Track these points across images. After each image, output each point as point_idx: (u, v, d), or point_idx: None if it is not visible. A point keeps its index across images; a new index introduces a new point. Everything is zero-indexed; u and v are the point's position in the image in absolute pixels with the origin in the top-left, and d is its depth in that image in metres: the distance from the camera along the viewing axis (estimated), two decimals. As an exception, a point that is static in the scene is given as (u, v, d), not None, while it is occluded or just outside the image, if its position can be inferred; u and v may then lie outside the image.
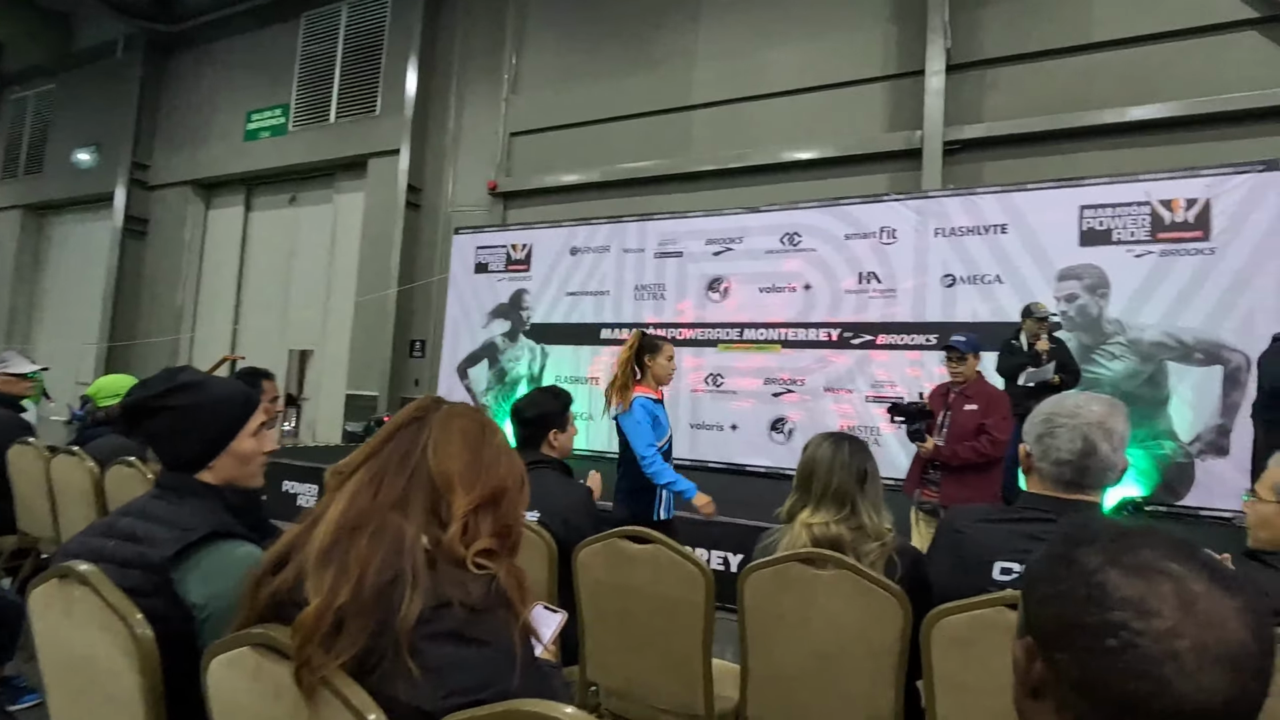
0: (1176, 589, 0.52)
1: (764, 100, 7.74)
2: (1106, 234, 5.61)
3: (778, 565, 1.63)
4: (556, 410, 2.05)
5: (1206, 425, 5.24)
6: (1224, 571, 0.54)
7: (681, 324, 7.20)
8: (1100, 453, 1.34)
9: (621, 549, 1.79)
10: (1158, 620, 0.51)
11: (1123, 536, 0.57)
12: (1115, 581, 0.54)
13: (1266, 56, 5.83)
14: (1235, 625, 0.50)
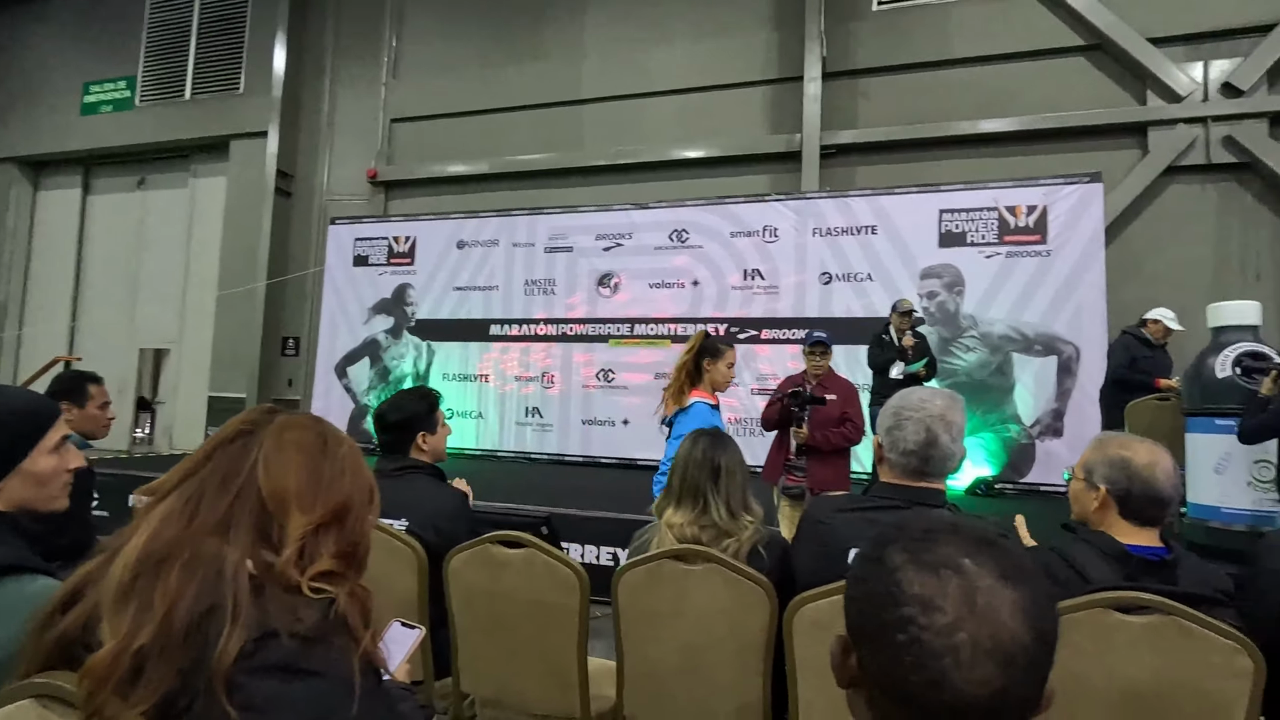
0: (963, 585, 0.55)
1: (652, 98, 7.82)
2: (962, 236, 6.10)
3: (650, 563, 1.64)
4: (423, 412, 1.95)
5: (1045, 410, 5.84)
6: (1016, 566, 0.56)
7: (572, 319, 7.15)
8: (941, 443, 1.44)
9: (494, 554, 1.74)
10: (940, 615, 0.54)
11: (926, 535, 0.60)
12: (909, 579, 0.57)
13: (1093, 81, 6.55)
14: (1012, 620, 0.53)
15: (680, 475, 1.69)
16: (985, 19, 6.78)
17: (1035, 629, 0.53)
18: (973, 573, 0.55)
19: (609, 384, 6.94)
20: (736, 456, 1.66)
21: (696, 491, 1.66)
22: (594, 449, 6.84)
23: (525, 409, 7.16)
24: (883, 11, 7.18)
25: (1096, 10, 6.34)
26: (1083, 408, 5.57)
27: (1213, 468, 3.51)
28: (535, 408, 7.12)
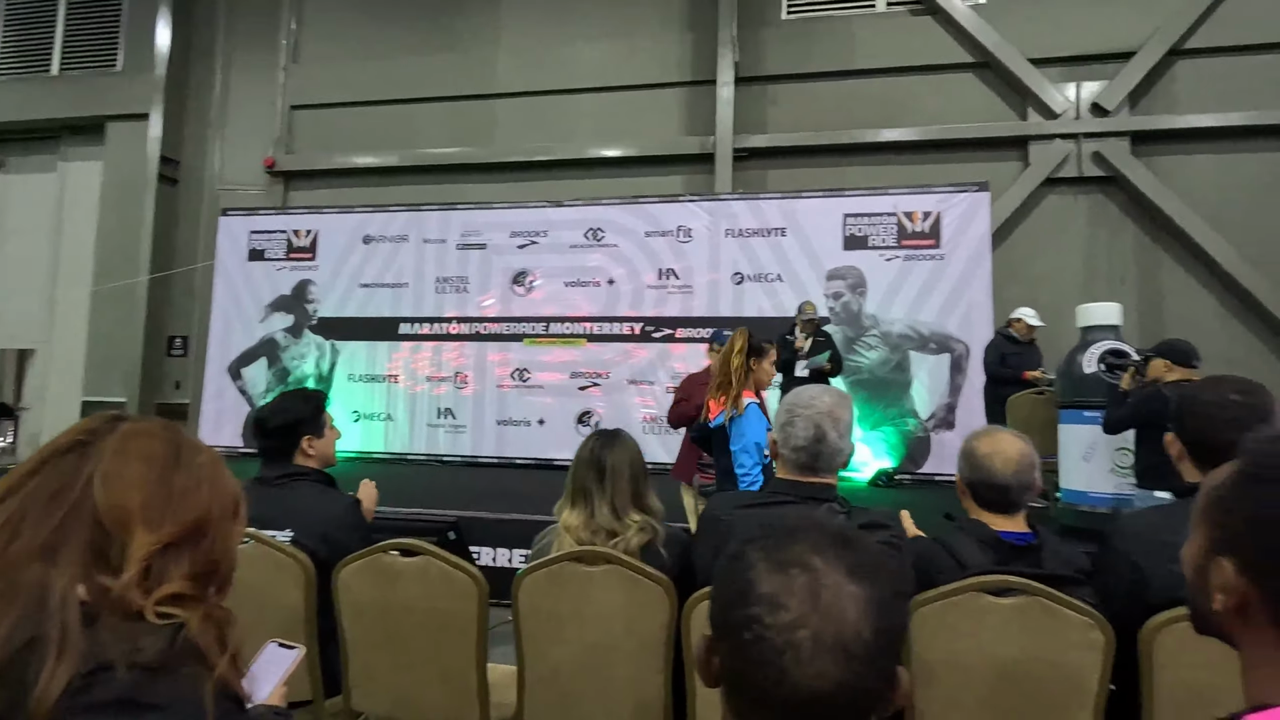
0: (810, 583, 0.56)
1: (569, 95, 7.76)
2: (864, 240, 6.39)
3: (550, 566, 1.61)
4: (307, 415, 1.84)
5: (939, 404, 6.20)
6: (867, 564, 0.58)
7: (486, 318, 7.00)
8: (829, 439, 1.49)
9: (386, 564, 1.67)
10: (784, 613, 0.55)
11: (785, 534, 0.61)
12: (761, 577, 0.58)
13: (981, 96, 7.00)
14: (855, 616, 0.54)
15: (571, 476, 1.68)
16: (885, 33, 7.12)
17: (877, 625, 0.54)
18: (821, 571, 0.56)
19: (524, 384, 6.84)
20: (626, 455, 1.65)
21: (585, 493, 1.65)
22: (509, 450, 6.72)
23: (437, 410, 6.95)
24: (791, 21, 7.41)
25: (984, 30, 6.78)
26: (972, 402, 5.94)
27: (1081, 456, 3.82)
28: (448, 409, 6.93)
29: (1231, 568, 0.64)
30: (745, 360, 2.93)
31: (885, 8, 7.22)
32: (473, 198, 7.44)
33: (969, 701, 1.48)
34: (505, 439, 6.77)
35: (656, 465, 6.43)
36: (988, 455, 1.56)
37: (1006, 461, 1.54)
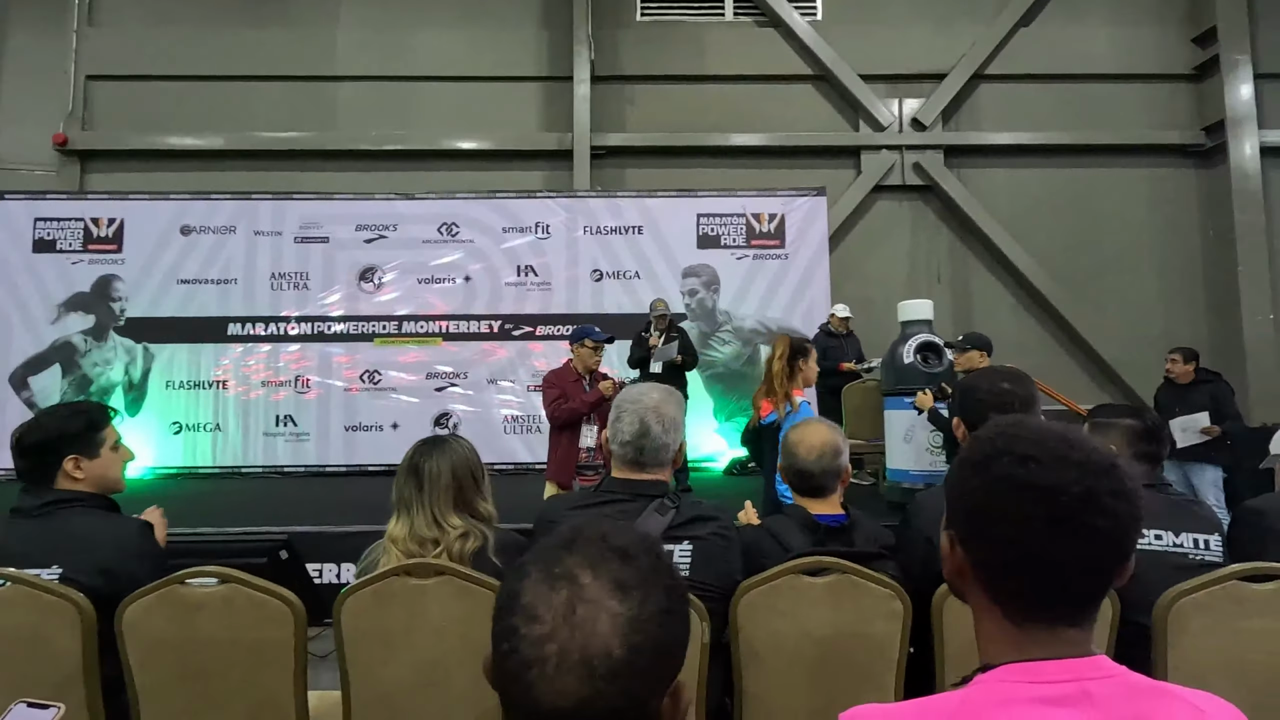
0: (570, 597, 0.55)
1: (420, 83, 7.41)
2: (716, 239, 6.66)
3: (376, 583, 1.52)
4: (73, 431, 1.59)
5: (787, 395, 6.59)
6: (637, 580, 0.57)
7: (331, 317, 6.53)
8: (652, 434, 1.52)
9: (183, 596, 1.49)
10: (539, 626, 0.54)
11: (564, 545, 0.60)
12: (528, 589, 0.57)
13: (820, 106, 7.52)
14: (607, 632, 0.54)
15: (394, 488, 1.60)
16: (733, 42, 7.45)
17: (632, 643, 0.54)
18: (586, 585, 0.56)
19: (375, 386, 6.46)
20: (447, 460, 1.59)
21: (406, 503, 1.58)
22: (360, 457, 6.31)
23: (276, 417, 6.39)
24: (645, 23, 7.54)
25: (821, 46, 7.28)
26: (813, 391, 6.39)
27: (903, 438, 4.22)
28: (288, 415, 6.39)
29: (951, 539, 0.72)
30: (787, 363, 3.20)
31: (733, 17, 7.54)
32: (312, 187, 6.90)
33: (791, 677, 1.57)
34: (355, 445, 6.36)
35: (520, 466, 6.37)
36: (795, 444, 1.67)
37: (810, 449, 1.66)
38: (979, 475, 0.70)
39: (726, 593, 1.56)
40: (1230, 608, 1.52)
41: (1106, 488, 0.64)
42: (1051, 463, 0.66)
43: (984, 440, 0.72)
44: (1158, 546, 1.62)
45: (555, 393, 3.71)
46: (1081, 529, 0.64)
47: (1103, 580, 0.67)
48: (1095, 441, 0.69)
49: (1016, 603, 0.68)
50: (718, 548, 1.55)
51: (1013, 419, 0.77)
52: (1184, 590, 1.50)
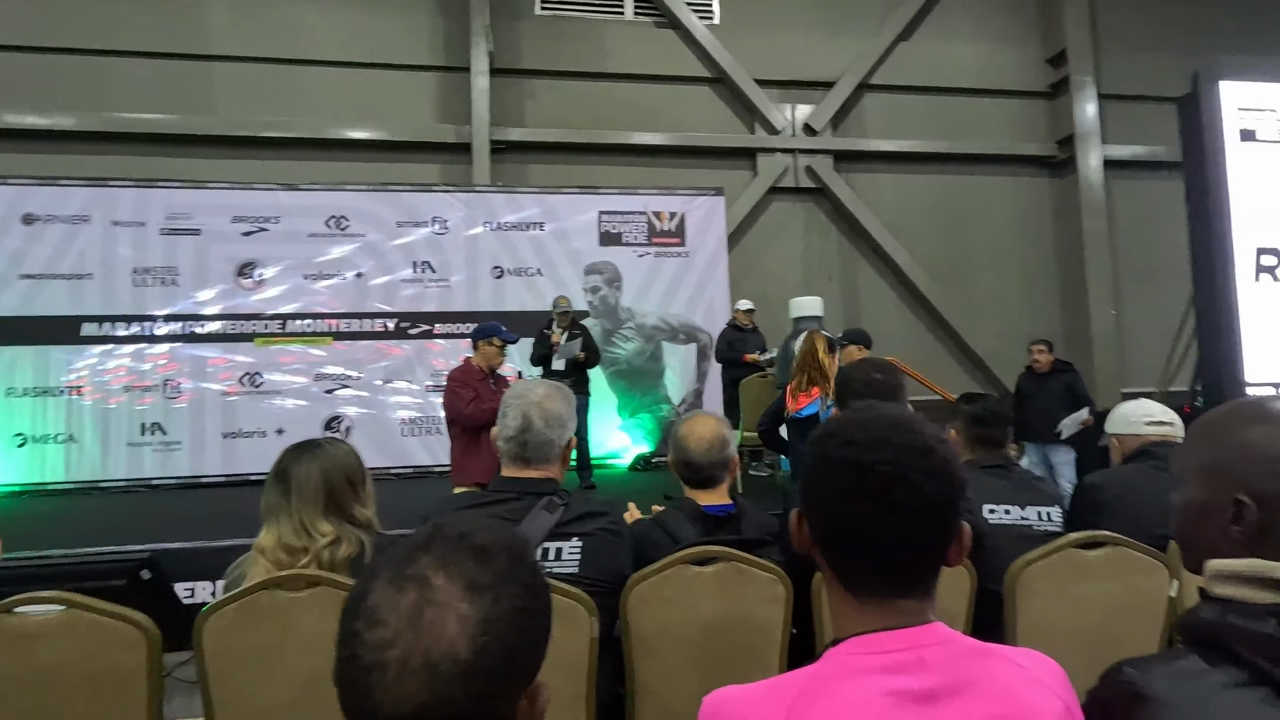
0: (418, 599, 0.53)
1: (304, 67, 6.98)
2: (619, 236, 6.69)
3: (242, 599, 1.43)
4: None
5: (689, 389, 6.74)
6: (493, 580, 0.56)
7: (205, 315, 6.05)
8: (535, 428, 1.51)
9: (13, 626, 1.34)
10: (381, 630, 0.52)
11: (419, 545, 0.58)
12: (376, 591, 0.55)
13: (718, 108, 7.71)
14: (454, 634, 0.52)
15: (262, 495, 1.50)
16: (633, 42, 7.50)
17: (478, 644, 0.53)
18: (436, 587, 0.54)
19: (257, 389, 6.04)
20: (317, 464, 1.51)
21: (273, 511, 1.49)
22: (240, 465, 5.88)
23: (141, 426, 5.85)
24: (544, 17, 7.45)
25: (718, 50, 7.47)
26: (716, 387, 6.55)
27: (796, 429, 4.40)
28: (156, 423, 5.86)
29: (798, 516, 0.77)
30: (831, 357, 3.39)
31: (633, 16, 7.59)
32: (181, 174, 6.36)
33: (681, 664, 1.61)
34: (234, 453, 5.92)
35: (420, 469, 6.15)
36: (685, 437, 1.71)
37: (699, 441, 1.70)
38: (813, 454, 0.75)
39: (616, 586, 1.58)
40: (1068, 573, 1.69)
41: (919, 467, 0.69)
42: (870, 444, 0.71)
43: (827, 423, 0.77)
44: (1007, 520, 1.78)
45: (469, 393, 3.60)
46: (892, 504, 0.69)
47: (924, 555, 0.72)
48: (928, 429, 0.74)
49: (851, 576, 0.73)
50: (607, 543, 1.56)
51: (865, 405, 0.82)
52: (1029, 559, 1.66)
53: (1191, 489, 0.80)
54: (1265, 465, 0.73)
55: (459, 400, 3.58)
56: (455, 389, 3.62)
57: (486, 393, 3.65)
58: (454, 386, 3.64)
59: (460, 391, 3.60)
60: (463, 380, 3.65)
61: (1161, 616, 1.71)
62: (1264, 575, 0.68)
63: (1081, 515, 1.97)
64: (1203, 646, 0.71)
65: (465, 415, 3.55)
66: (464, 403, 3.55)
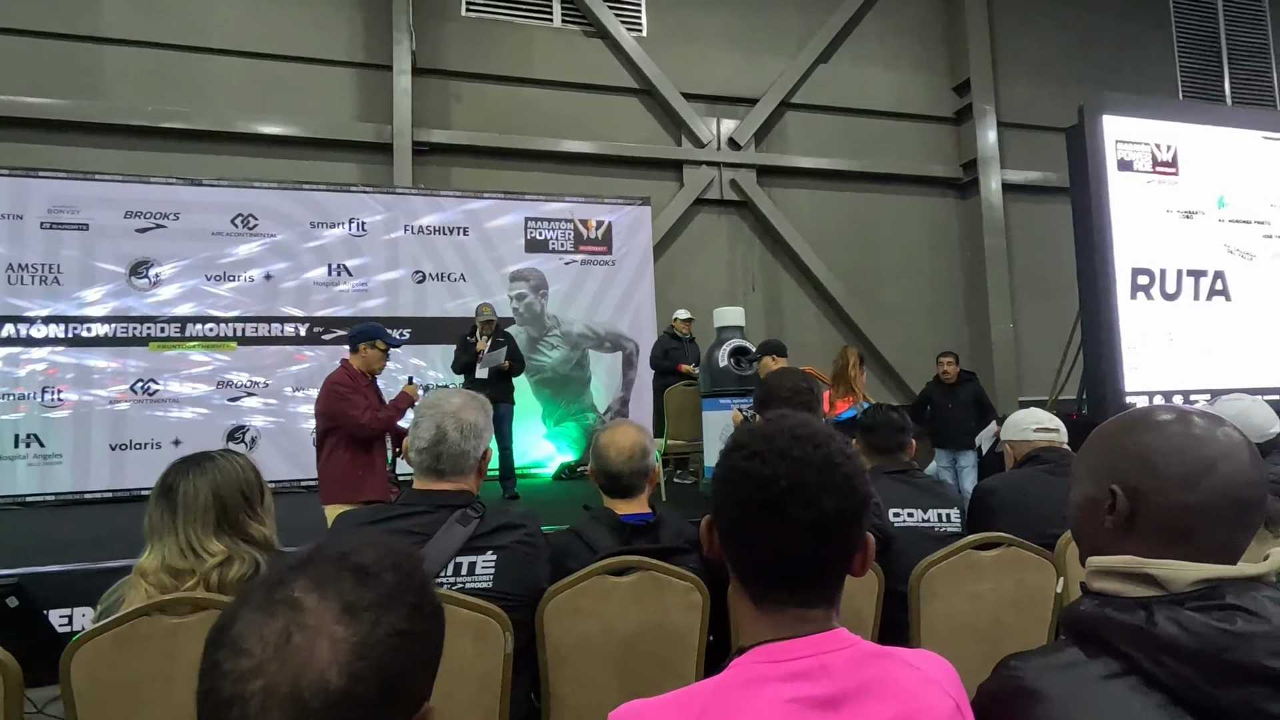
0: (286, 624, 0.50)
1: (212, 55, 6.59)
2: (545, 243, 6.64)
3: (118, 627, 1.31)
4: None
5: (614, 398, 6.74)
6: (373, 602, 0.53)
7: (92, 318, 5.58)
8: (449, 439, 1.47)
9: None
10: (245, 660, 0.49)
11: (295, 567, 0.54)
12: (243, 618, 0.51)
13: (645, 120, 7.78)
14: (325, 661, 0.49)
15: (146, 514, 1.39)
16: (561, 49, 7.48)
17: (352, 670, 0.50)
18: (308, 610, 0.51)
19: (151, 397, 5.62)
20: (207, 479, 1.41)
21: (159, 529, 1.38)
22: (129, 480, 5.44)
23: (15, 437, 5.33)
24: (470, 19, 7.33)
25: (646, 62, 7.54)
26: (642, 395, 6.58)
27: (719, 436, 4.47)
28: (32, 434, 5.36)
29: (709, 524, 0.77)
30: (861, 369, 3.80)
31: (561, 24, 7.58)
32: (65, 163, 5.86)
33: (597, 675, 1.59)
34: (124, 467, 5.48)
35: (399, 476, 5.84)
36: (605, 446, 1.70)
37: (619, 451, 1.70)
38: (720, 465, 0.75)
39: (533, 600, 1.54)
40: (967, 572, 1.78)
41: (817, 482, 0.71)
42: (772, 457, 0.72)
43: (737, 433, 0.78)
44: (911, 523, 1.86)
45: (363, 400, 3.37)
46: (788, 518, 0.70)
47: (824, 567, 0.73)
48: (834, 443, 0.75)
49: (755, 585, 0.74)
50: (522, 555, 1.52)
51: (778, 415, 0.83)
52: (931, 561, 1.73)
53: (1083, 486, 0.85)
54: (1137, 461, 0.78)
55: (352, 408, 3.28)
56: (346, 395, 3.31)
57: (375, 400, 3.44)
58: (343, 392, 3.31)
59: (353, 398, 3.31)
60: (351, 385, 3.36)
61: (1049, 611, 1.82)
62: (1136, 570, 0.73)
63: (978, 517, 2.09)
64: (1082, 639, 0.75)
65: (362, 425, 3.28)
66: (359, 410, 3.28)
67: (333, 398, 3.31)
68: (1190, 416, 0.80)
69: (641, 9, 7.79)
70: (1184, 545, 0.74)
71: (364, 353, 3.43)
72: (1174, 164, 4.96)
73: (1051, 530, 1.91)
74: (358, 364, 3.42)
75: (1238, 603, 0.67)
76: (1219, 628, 0.66)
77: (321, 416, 3.36)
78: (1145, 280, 4.79)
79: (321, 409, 3.36)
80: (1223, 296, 5.01)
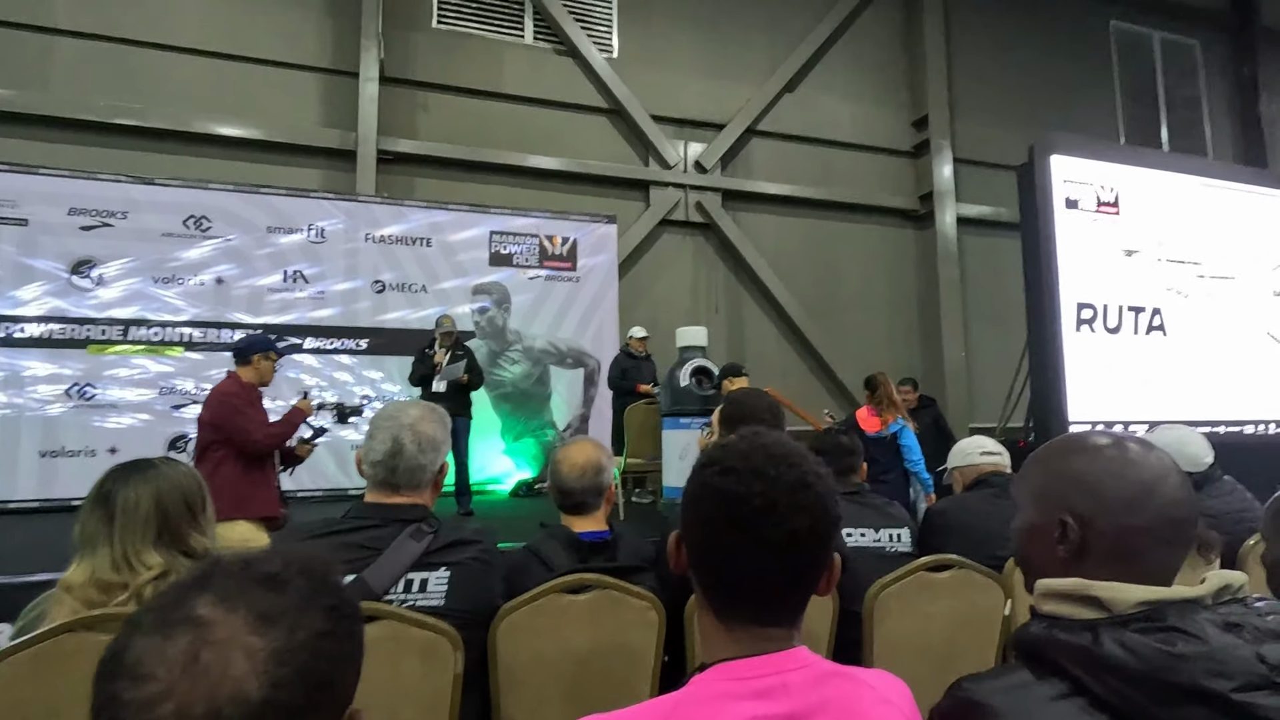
0: (192, 643, 0.48)
1: (169, 53, 6.41)
2: (509, 257, 6.59)
3: (41, 643, 1.23)
4: None
5: (574, 415, 6.69)
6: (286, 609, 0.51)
7: (27, 317, 5.31)
8: (407, 453, 1.43)
9: None
10: (150, 685, 0.46)
11: (192, 585, 0.52)
12: (137, 645, 0.48)
13: (613, 139, 7.84)
14: (242, 673, 0.47)
15: (77, 522, 1.31)
16: (531, 66, 7.50)
17: (273, 678, 0.48)
18: (213, 625, 0.49)
19: (88, 402, 5.36)
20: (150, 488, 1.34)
21: (91, 539, 1.31)
22: (61, 489, 5.16)
23: (-66, 441, 5.02)
24: (441, 31, 7.31)
25: (615, 83, 7.62)
26: (603, 412, 6.55)
27: (679, 456, 4.47)
28: (-47, 439, 5.05)
29: (676, 539, 0.77)
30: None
31: (532, 41, 7.61)
32: (5, 156, 5.61)
33: (550, 695, 1.55)
34: (54, 476, 5.20)
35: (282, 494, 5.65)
36: (559, 462, 1.69)
37: (573, 467, 1.68)
38: (692, 480, 0.75)
39: (486, 618, 1.51)
40: (920, 594, 1.81)
41: (790, 501, 0.71)
42: (746, 474, 0.72)
43: (709, 449, 0.77)
44: (863, 543, 1.88)
45: (257, 414, 3.22)
46: (759, 536, 0.70)
47: (793, 586, 0.73)
48: (808, 463, 0.76)
49: (720, 602, 0.73)
50: (477, 572, 1.49)
51: (752, 432, 0.83)
52: (885, 582, 1.76)
53: (1026, 514, 0.87)
54: (1082, 488, 0.80)
55: (247, 421, 3.14)
56: (241, 408, 3.15)
57: (265, 414, 3.31)
58: (239, 405, 3.16)
59: (248, 412, 3.17)
60: (245, 398, 3.22)
61: (997, 632, 1.86)
62: (1084, 594, 0.75)
63: (928, 539, 2.13)
64: (1031, 660, 0.77)
65: (256, 441, 3.13)
66: (254, 425, 3.15)
67: (226, 410, 3.14)
68: (1124, 441, 0.83)
69: (613, 30, 7.89)
70: (1128, 567, 0.77)
71: (258, 365, 3.29)
72: (1116, 204, 5.22)
73: (999, 552, 1.95)
74: (249, 376, 3.28)
75: (1179, 625, 0.69)
76: (1161, 649, 0.68)
77: (209, 428, 3.15)
78: (1089, 314, 5.00)
79: (210, 420, 3.15)
80: (1160, 331, 5.26)
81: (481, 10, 7.44)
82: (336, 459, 5.68)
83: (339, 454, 5.76)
